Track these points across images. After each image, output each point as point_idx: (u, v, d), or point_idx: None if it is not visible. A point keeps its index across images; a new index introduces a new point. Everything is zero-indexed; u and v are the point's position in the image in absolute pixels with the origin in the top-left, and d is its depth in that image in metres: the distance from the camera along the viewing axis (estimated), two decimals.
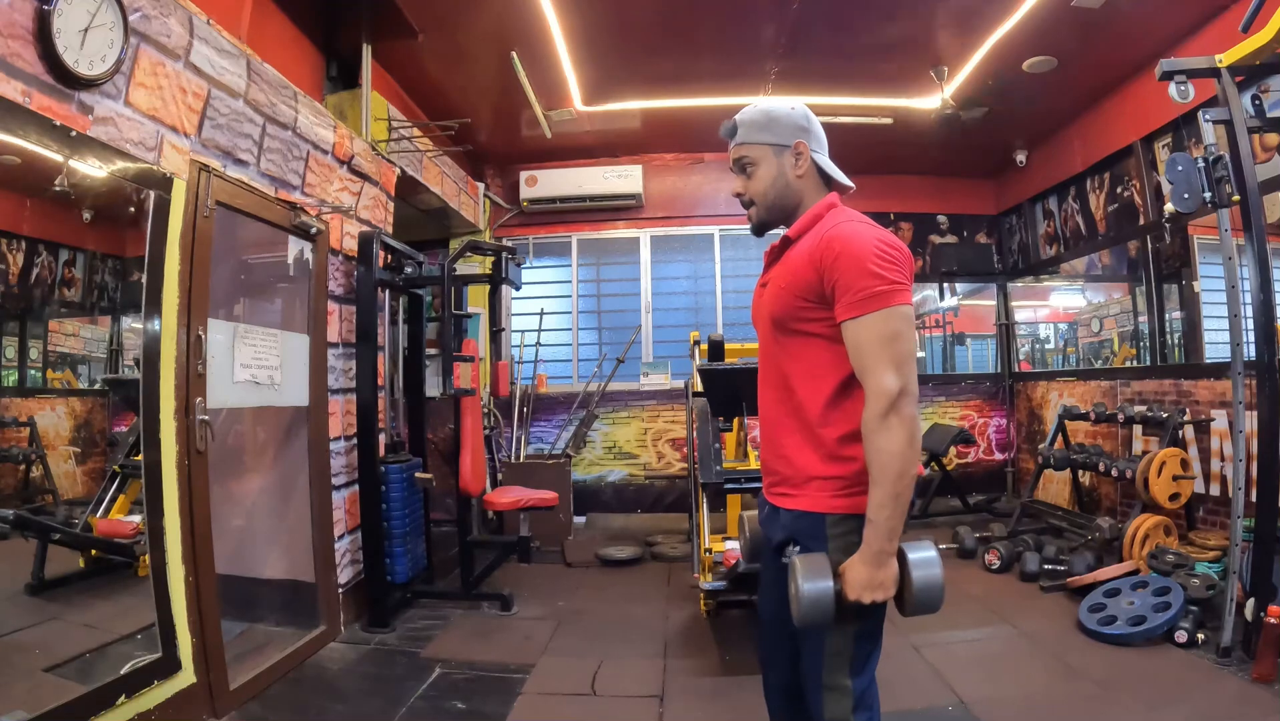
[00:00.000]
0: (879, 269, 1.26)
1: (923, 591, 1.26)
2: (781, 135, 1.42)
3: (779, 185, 1.43)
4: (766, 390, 1.46)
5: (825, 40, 4.09)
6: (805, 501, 1.36)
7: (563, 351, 6.10)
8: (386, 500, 3.40)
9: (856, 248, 1.28)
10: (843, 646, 1.34)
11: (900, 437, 1.22)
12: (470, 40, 4.07)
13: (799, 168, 1.43)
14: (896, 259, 1.28)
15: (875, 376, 1.24)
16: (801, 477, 1.36)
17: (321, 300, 3.20)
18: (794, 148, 1.42)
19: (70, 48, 1.90)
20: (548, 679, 2.76)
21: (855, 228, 1.33)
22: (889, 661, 2.79)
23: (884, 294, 1.25)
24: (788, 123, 1.43)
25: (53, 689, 2.00)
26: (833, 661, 1.34)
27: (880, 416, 1.23)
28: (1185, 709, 2.34)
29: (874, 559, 1.23)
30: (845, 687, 1.34)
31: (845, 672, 1.34)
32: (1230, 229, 2.71)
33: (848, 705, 1.33)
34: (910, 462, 1.22)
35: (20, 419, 2.66)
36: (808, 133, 1.44)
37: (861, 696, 1.34)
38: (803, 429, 1.36)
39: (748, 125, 1.45)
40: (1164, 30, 3.85)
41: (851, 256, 1.27)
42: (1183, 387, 4.06)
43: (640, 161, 5.92)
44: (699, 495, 3.66)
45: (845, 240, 1.30)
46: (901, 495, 1.22)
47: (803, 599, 1.23)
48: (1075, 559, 3.70)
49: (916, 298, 6.45)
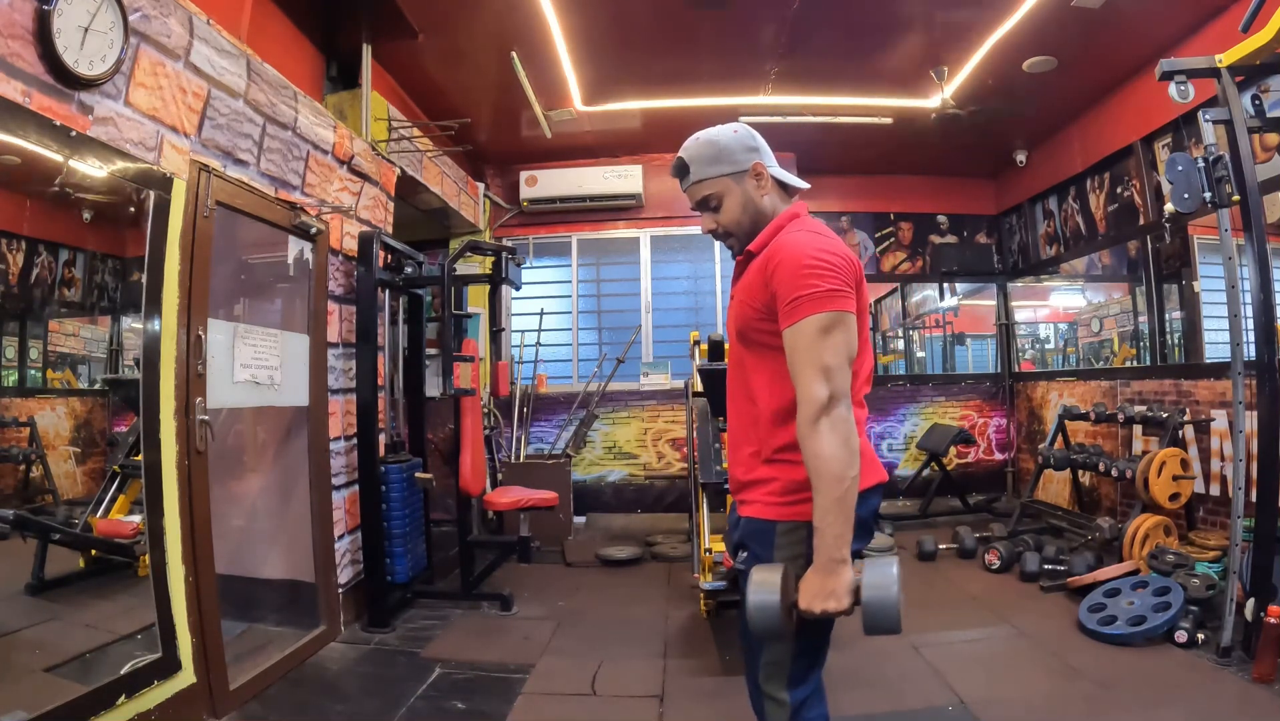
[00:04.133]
0: (810, 275, 1.26)
1: (872, 610, 1.19)
2: (736, 162, 1.41)
3: (750, 210, 1.43)
4: (732, 400, 1.48)
5: (825, 40, 4.08)
6: (757, 509, 1.37)
7: (563, 351, 6.10)
8: (386, 500, 3.40)
9: (791, 257, 1.29)
10: (781, 657, 1.34)
11: (832, 441, 1.20)
12: (470, 40, 4.08)
13: (762, 187, 1.43)
14: (831, 264, 1.28)
15: (803, 383, 1.24)
16: (756, 481, 1.38)
17: (321, 300, 3.20)
18: (752, 170, 1.42)
19: (70, 48, 1.90)
20: (548, 679, 2.76)
21: (796, 237, 1.33)
22: (889, 661, 2.80)
23: (813, 299, 1.25)
24: (737, 147, 1.42)
25: (53, 689, 2.00)
26: (769, 671, 1.35)
27: (811, 421, 1.22)
28: (1185, 709, 2.34)
29: (824, 567, 1.20)
30: (782, 700, 1.34)
31: (782, 684, 1.34)
32: (1230, 229, 2.71)
33: (784, 716, 1.34)
34: (847, 465, 1.20)
35: (20, 419, 2.65)
36: (758, 150, 1.44)
37: (799, 708, 1.34)
38: (758, 435, 1.39)
39: (699, 161, 1.42)
40: (1164, 30, 3.85)
41: (786, 267, 1.29)
42: (1183, 387, 4.06)
43: (640, 161, 5.91)
44: (699, 495, 3.66)
45: (784, 251, 1.31)
46: (844, 500, 1.19)
47: (749, 608, 1.20)
48: (1075, 559, 3.70)
49: (916, 297, 6.57)
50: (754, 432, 1.40)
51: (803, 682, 1.35)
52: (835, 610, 1.20)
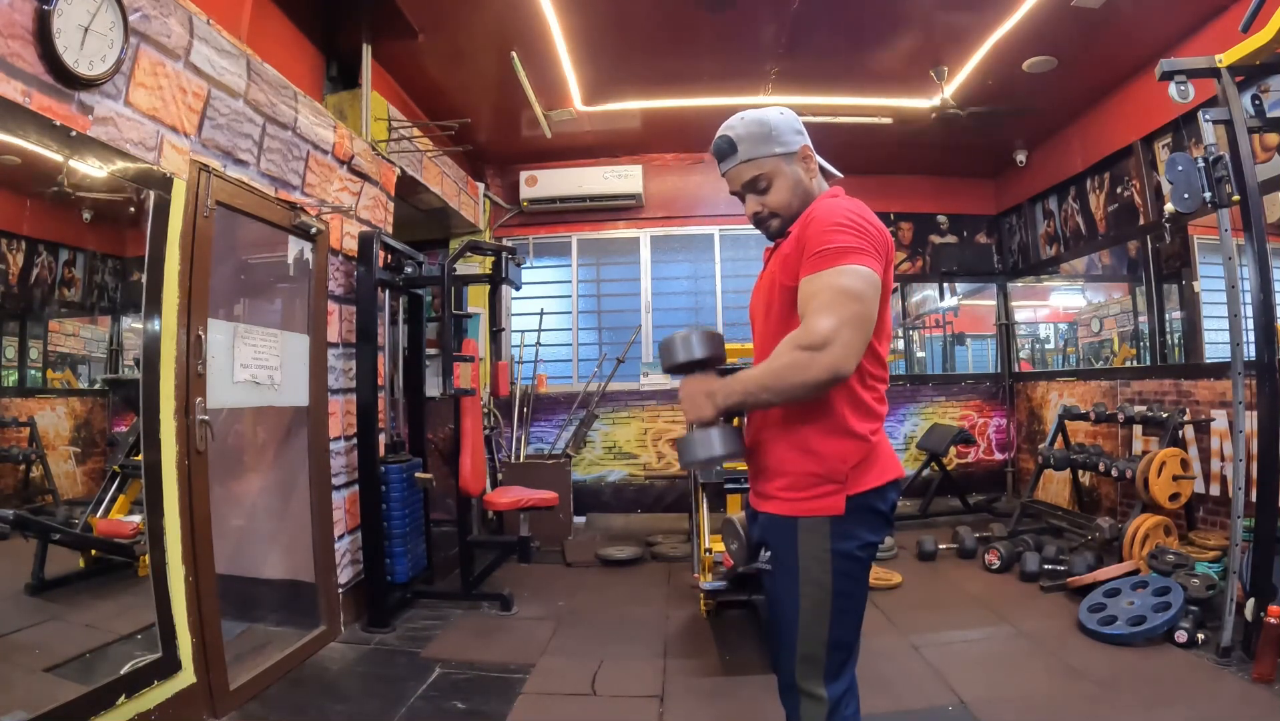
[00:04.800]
0: (840, 230, 1.25)
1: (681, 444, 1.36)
2: (786, 143, 1.39)
3: (799, 192, 1.40)
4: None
5: (825, 40, 4.08)
6: (777, 505, 1.36)
7: (563, 351, 6.10)
8: (386, 500, 3.40)
9: (823, 215, 1.29)
10: (816, 652, 1.33)
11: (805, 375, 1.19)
12: (470, 40, 4.07)
13: (810, 171, 1.41)
14: (860, 225, 1.27)
15: (813, 317, 1.21)
16: (774, 470, 1.37)
17: (321, 300, 3.20)
18: (801, 152, 1.40)
19: (70, 47, 1.90)
20: (548, 679, 2.76)
21: (829, 203, 1.34)
22: (889, 661, 2.80)
23: (840, 251, 1.24)
24: (786, 128, 1.40)
25: (53, 689, 2.00)
26: (805, 667, 1.34)
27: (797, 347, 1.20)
28: (1185, 709, 2.34)
29: (705, 388, 1.32)
30: (820, 696, 1.32)
31: (820, 680, 1.33)
32: (1230, 229, 2.71)
33: (822, 712, 1.32)
34: (782, 393, 1.24)
35: (20, 419, 2.65)
36: (804, 133, 1.43)
37: (836, 704, 1.33)
38: (778, 422, 1.37)
39: (749, 140, 1.38)
40: (1164, 30, 3.85)
41: (818, 224, 1.28)
42: (1183, 387, 4.06)
43: (640, 161, 5.92)
44: (699, 495, 3.66)
45: (818, 210, 1.31)
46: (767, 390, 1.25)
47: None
48: (1075, 559, 3.70)
49: (916, 297, 6.57)
50: (771, 420, 1.38)
51: (839, 677, 1.34)
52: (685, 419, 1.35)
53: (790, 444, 1.34)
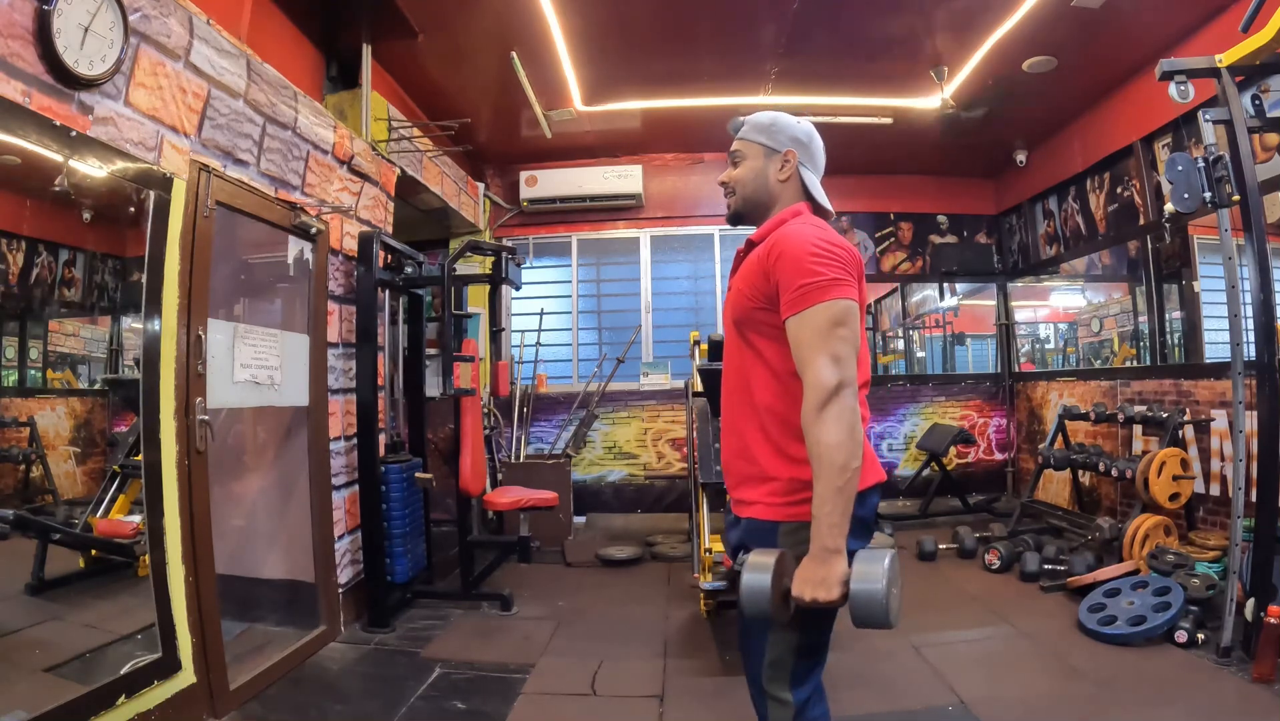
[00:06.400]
0: (815, 265, 1.28)
1: (858, 602, 1.17)
2: (777, 141, 1.48)
3: (759, 181, 1.48)
4: (728, 392, 1.48)
5: (825, 40, 4.08)
6: (758, 510, 1.37)
7: (563, 351, 6.10)
8: (386, 500, 3.40)
9: (794, 247, 1.31)
10: (783, 657, 1.34)
11: (839, 429, 1.20)
12: (470, 40, 4.07)
13: (782, 173, 1.48)
14: (834, 254, 1.30)
15: (812, 369, 1.25)
16: (757, 477, 1.38)
17: (321, 300, 3.20)
18: (783, 154, 1.48)
19: (70, 47, 1.90)
20: (548, 679, 2.76)
21: (798, 228, 1.36)
22: (889, 661, 2.80)
23: (819, 287, 1.27)
24: (787, 131, 1.49)
25: (53, 689, 2.00)
26: (772, 672, 1.35)
27: (817, 409, 1.22)
28: (1185, 709, 2.34)
29: (818, 555, 1.20)
30: (786, 700, 1.34)
31: (785, 685, 1.34)
32: (1230, 229, 2.71)
33: (788, 716, 1.34)
34: (851, 455, 1.20)
35: (20, 419, 2.66)
36: (804, 147, 1.49)
37: (802, 708, 1.34)
38: (759, 429, 1.38)
39: (752, 124, 1.51)
40: (1164, 30, 3.85)
41: (790, 256, 1.31)
42: (1183, 387, 4.06)
43: (640, 161, 5.91)
44: (699, 495, 3.66)
45: (786, 241, 1.33)
46: (844, 489, 1.20)
47: (741, 587, 1.20)
48: (1075, 559, 3.70)
49: (916, 297, 6.57)
50: (751, 427, 1.40)
51: (805, 682, 1.35)
52: (825, 600, 1.19)
53: (772, 450, 1.36)
